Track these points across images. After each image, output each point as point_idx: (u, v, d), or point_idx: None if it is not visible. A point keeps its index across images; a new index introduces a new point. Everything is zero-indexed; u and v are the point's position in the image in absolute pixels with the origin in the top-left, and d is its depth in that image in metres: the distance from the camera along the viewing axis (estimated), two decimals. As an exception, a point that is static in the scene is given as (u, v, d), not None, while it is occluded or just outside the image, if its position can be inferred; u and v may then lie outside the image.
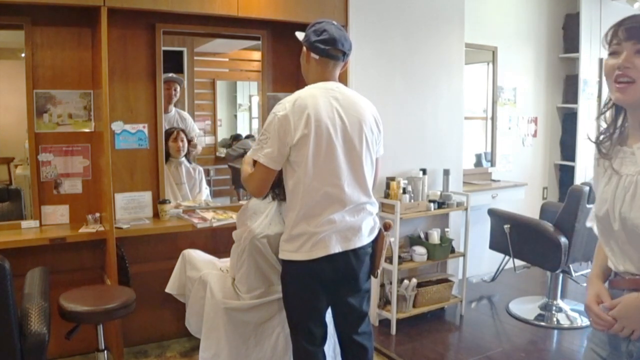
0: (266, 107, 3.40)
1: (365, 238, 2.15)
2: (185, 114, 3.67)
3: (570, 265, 3.55)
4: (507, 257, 3.77)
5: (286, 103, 2.04)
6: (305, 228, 2.06)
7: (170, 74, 3.46)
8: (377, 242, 2.23)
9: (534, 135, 5.06)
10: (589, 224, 1.47)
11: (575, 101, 4.96)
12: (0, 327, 1.93)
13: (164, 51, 3.18)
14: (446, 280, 3.75)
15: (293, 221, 2.09)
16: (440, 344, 3.41)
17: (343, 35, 2.13)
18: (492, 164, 4.77)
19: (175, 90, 3.56)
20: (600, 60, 4.99)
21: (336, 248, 2.07)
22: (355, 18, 3.32)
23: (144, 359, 3.11)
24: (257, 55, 3.60)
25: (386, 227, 2.31)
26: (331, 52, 2.10)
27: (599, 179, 1.40)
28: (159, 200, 3.20)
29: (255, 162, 2.09)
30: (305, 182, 2.04)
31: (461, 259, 3.82)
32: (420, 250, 3.55)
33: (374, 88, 3.47)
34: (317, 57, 2.10)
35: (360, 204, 2.12)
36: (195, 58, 3.73)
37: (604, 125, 1.41)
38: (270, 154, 2.01)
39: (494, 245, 3.91)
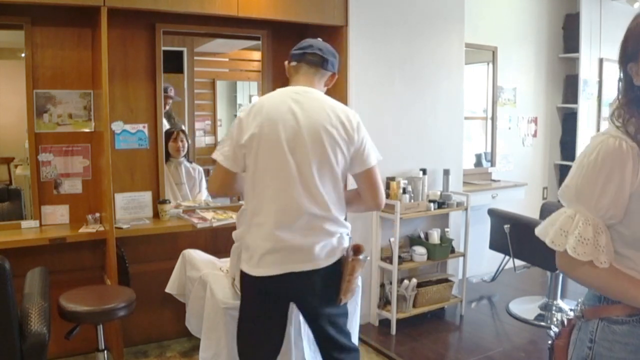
0: (266, 107, 3.40)
1: (319, 261, 1.94)
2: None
3: (570, 265, 3.55)
4: (507, 257, 3.77)
5: (249, 105, 2.02)
6: (254, 240, 1.95)
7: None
8: (342, 266, 1.99)
9: (534, 135, 5.06)
10: (603, 262, 1.21)
11: (575, 101, 4.96)
12: (0, 327, 1.93)
13: (164, 51, 3.18)
14: (446, 280, 3.75)
15: (245, 229, 2.00)
16: (440, 344, 3.41)
17: (324, 45, 2.05)
18: (492, 164, 4.77)
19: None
20: (600, 60, 4.99)
21: (281, 269, 1.92)
22: (355, 18, 3.32)
23: (144, 359, 3.11)
24: (257, 55, 3.60)
25: (356, 250, 2.01)
26: (306, 57, 2.01)
27: None
28: (159, 200, 3.20)
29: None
30: (253, 186, 1.95)
31: (461, 259, 3.82)
32: (420, 250, 3.55)
33: (374, 88, 3.48)
34: (294, 64, 2.04)
35: (313, 219, 1.92)
36: (195, 58, 3.72)
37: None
38: (227, 152, 1.97)
39: (494, 245, 3.91)
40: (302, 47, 2.03)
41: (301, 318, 2.25)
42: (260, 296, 2.02)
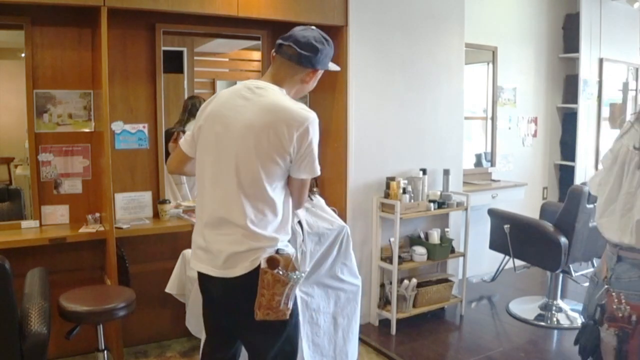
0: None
1: (227, 270, 1.78)
2: None
3: (570, 265, 3.56)
4: (507, 257, 3.77)
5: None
6: (194, 231, 1.94)
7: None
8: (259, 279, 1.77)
9: (534, 135, 5.06)
10: None
11: (575, 101, 4.96)
12: (1, 327, 1.93)
13: (164, 51, 3.19)
14: (446, 280, 3.75)
15: None
16: (440, 344, 3.41)
17: (304, 36, 1.81)
18: (492, 164, 4.77)
19: None
20: (600, 60, 4.99)
21: (206, 269, 1.85)
22: (355, 18, 3.32)
23: (144, 359, 3.11)
24: (257, 55, 3.61)
25: (272, 262, 1.75)
26: (282, 49, 1.83)
27: None
28: (159, 200, 3.20)
29: None
30: (197, 177, 1.93)
31: (461, 259, 3.82)
32: (420, 250, 3.55)
33: (374, 88, 3.48)
34: (274, 54, 1.89)
35: (227, 224, 1.78)
36: (195, 58, 3.72)
37: None
38: (188, 136, 1.96)
39: (494, 245, 3.91)
40: (283, 37, 1.86)
41: (300, 318, 2.25)
42: (200, 287, 2.00)
